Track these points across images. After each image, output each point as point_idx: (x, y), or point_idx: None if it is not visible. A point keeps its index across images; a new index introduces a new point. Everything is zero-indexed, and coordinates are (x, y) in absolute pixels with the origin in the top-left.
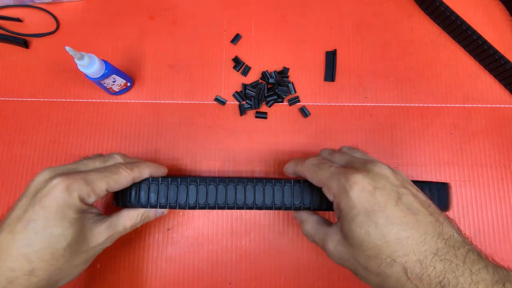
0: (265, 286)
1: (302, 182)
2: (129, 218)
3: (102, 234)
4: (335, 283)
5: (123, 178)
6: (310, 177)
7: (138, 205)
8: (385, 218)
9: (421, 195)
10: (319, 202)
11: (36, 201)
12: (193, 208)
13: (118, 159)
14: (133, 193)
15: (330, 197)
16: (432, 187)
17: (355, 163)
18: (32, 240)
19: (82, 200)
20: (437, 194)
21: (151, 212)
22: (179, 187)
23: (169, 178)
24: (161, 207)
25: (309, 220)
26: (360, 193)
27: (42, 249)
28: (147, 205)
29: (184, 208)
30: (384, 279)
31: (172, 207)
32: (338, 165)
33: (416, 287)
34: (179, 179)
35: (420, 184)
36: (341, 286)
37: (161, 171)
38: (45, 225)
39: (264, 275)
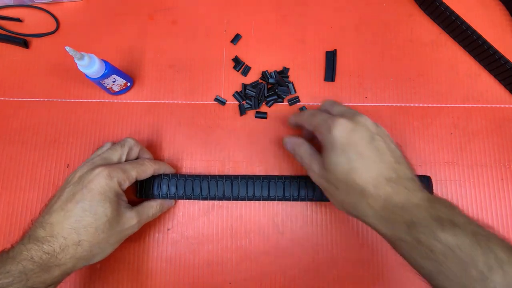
0: (265, 286)
1: (298, 178)
2: (151, 207)
3: (133, 218)
4: (335, 283)
5: (148, 169)
6: (307, 124)
7: (159, 196)
8: (355, 151)
9: (392, 145)
10: (311, 194)
11: (84, 185)
12: (205, 198)
13: (131, 142)
14: (155, 187)
15: (319, 137)
16: None
17: (346, 114)
18: (80, 216)
19: (120, 185)
20: None
21: (166, 202)
22: (194, 182)
23: (185, 175)
24: (178, 197)
25: (304, 145)
26: (340, 132)
27: (88, 223)
28: (167, 196)
29: (197, 198)
30: (346, 197)
31: (187, 198)
32: (330, 115)
33: (367, 203)
34: (193, 176)
35: None
36: (340, 286)
37: (170, 170)
38: (91, 204)
39: (264, 275)
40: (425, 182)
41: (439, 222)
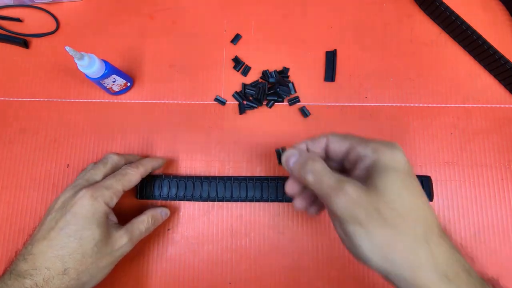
0: (265, 286)
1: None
2: (142, 222)
3: (122, 237)
4: (335, 283)
5: (133, 176)
6: (338, 137)
7: (160, 197)
8: (417, 185)
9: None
10: None
11: (67, 210)
12: (205, 200)
13: (114, 158)
14: (156, 188)
15: (363, 152)
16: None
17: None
18: (65, 242)
19: (107, 204)
20: (421, 186)
21: (158, 214)
22: (194, 184)
23: (186, 177)
24: (179, 199)
25: (319, 161)
26: (404, 157)
27: (74, 250)
28: (168, 197)
29: (197, 200)
30: (400, 232)
31: (187, 199)
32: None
33: (430, 250)
34: (193, 177)
35: None
36: (341, 286)
37: (159, 162)
38: (76, 229)
39: (264, 275)
40: (425, 182)
41: None
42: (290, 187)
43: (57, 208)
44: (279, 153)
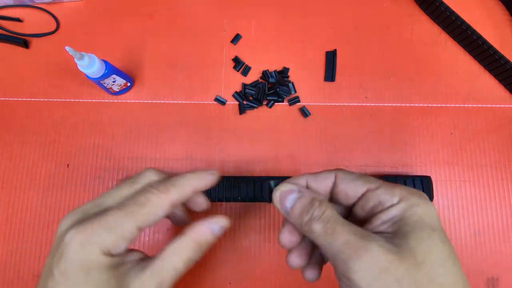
0: (265, 286)
1: None
2: (177, 253)
3: (145, 285)
4: (335, 283)
5: (157, 208)
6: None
7: None
8: (454, 250)
9: None
10: None
11: (54, 264)
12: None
13: (150, 175)
14: None
15: (388, 199)
16: (416, 180)
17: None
18: None
19: (107, 253)
20: (421, 186)
21: (205, 235)
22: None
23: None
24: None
25: (329, 205)
26: (436, 211)
27: None
28: None
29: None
30: None
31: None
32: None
33: None
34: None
35: (404, 178)
36: None
37: (209, 179)
38: None
39: (264, 275)
40: (426, 182)
41: None
42: (287, 237)
43: (52, 251)
44: (270, 188)
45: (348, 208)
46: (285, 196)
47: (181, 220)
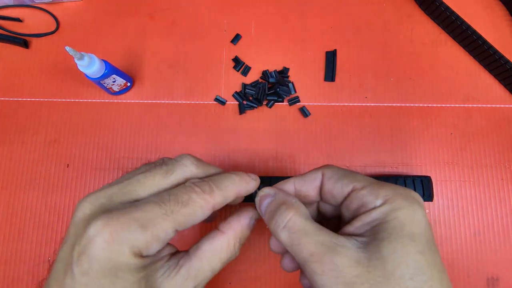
0: (265, 286)
1: None
2: (217, 254)
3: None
4: None
5: (199, 210)
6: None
7: None
8: (439, 260)
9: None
10: None
11: (74, 262)
12: None
13: (188, 164)
14: None
15: (372, 201)
16: (416, 180)
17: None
18: None
19: (138, 254)
20: (421, 186)
21: (246, 228)
22: None
23: None
24: None
25: (300, 209)
26: (425, 216)
27: None
28: None
29: None
30: None
31: None
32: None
33: None
34: None
35: (404, 178)
36: None
37: (251, 185)
38: None
39: (264, 275)
40: (426, 182)
41: None
42: (275, 243)
43: (69, 240)
44: (255, 193)
45: (338, 207)
46: (261, 201)
47: (211, 216)
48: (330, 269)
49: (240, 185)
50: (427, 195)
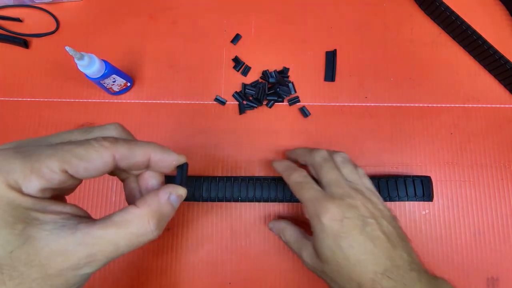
0: (265, 286)
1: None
2: (125, 225)
3: (69, 252)
4: None
5: (94, 153)
6: (293, 192)
7: None
8: (348, 243)
9: (385, 223)
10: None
11: None
12: (205, 200)
13: (109, 131)
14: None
15: (306, 216)
16: (416, 180)
17: (334, 188)
18: None
19: (15, 187)
20: (421, 186)
21: (165, 206)
22: (194, 184)
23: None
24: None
25: (288, 230)
26: (331, 221)
27: None
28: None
29: (197, 200)
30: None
31: (187, 200)
32: (317, 188)
33: None
34: (193, 177)
35: (404, 178)
36: None
37: (171, 157)
38: None
39: (264, 275)
40: (426, 182)
41: None
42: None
43: None
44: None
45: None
46: (271, 227)
47: (134, 196)
48: (303, 261)
49: (155, 151)
50: (427, 195)
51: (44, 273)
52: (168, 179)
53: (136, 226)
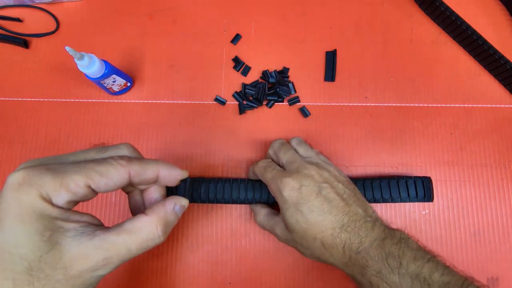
0: (265, 286)
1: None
2: (136, 231)
3: (88, 256)
4: (335, 283)
5: (113, 170)
6: (260, 177)
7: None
8: (307, 207)
9: (340, 186)
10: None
11: None
12: (203, 202)
13: (123, 150)
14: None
15: (272, 194)
16: (417, 180)
17: (291, 165)
18: None
19: (47, 199)
20: (422, 187)
21: (170, 216)
22: (193, 186)
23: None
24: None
25: (261, 212)
26: (290, 192)
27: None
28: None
29: (197, 202)
30: (313, 251)
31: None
32: (278, 169)
33: (330, 253)
34: (193, 178)
35: (405, 179)
36: (341, 286)
37: (176, 173)
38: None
39: (264, 275)
40: (427, 183)
41: (388, 262)
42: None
43: None
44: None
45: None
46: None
47: (139, 207)
48: (276, 234)
49: (163, 169)
50: (428, 196)
51: (67, 274)
52: (169, 192)
53: (146, 232)
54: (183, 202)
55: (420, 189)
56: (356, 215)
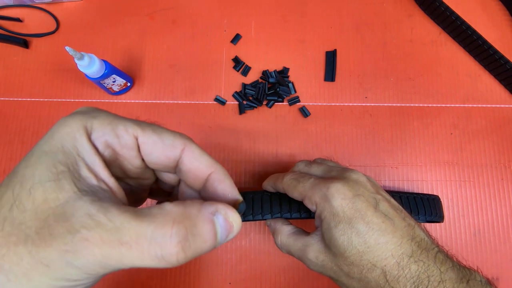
0: (265, 286)
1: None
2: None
3: (119, 216)
4: (335, 283)
5: (166, 133)
6: (290, 192)
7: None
8: (365, 225)
9: (393, 201)
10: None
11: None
12: None
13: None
14: None
15: (312, 207)
16: (424, 199)
17: (332, 172)
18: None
19: (88, 130)
20: (430, 206)
21: (203, 224)
22: None
23: None
24: None
25: (284, 230)
26: (342, 201)
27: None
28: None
29: None
30: (365, 284)
31: None
32: (317, 176)
33: None
34: None
35: (414, 196)
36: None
37: (208, 163)
38: (27, 163)
39: (264, 275)
40: (436, 202)
41: None
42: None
43: None
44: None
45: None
46: (268, 225)
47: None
48: (309, 259)
49: (198, 156)
50: (439, 216)
51: (70, 224)
52: None
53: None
54: (233, 217)
55: (428, 208)
56: (422, 241)
